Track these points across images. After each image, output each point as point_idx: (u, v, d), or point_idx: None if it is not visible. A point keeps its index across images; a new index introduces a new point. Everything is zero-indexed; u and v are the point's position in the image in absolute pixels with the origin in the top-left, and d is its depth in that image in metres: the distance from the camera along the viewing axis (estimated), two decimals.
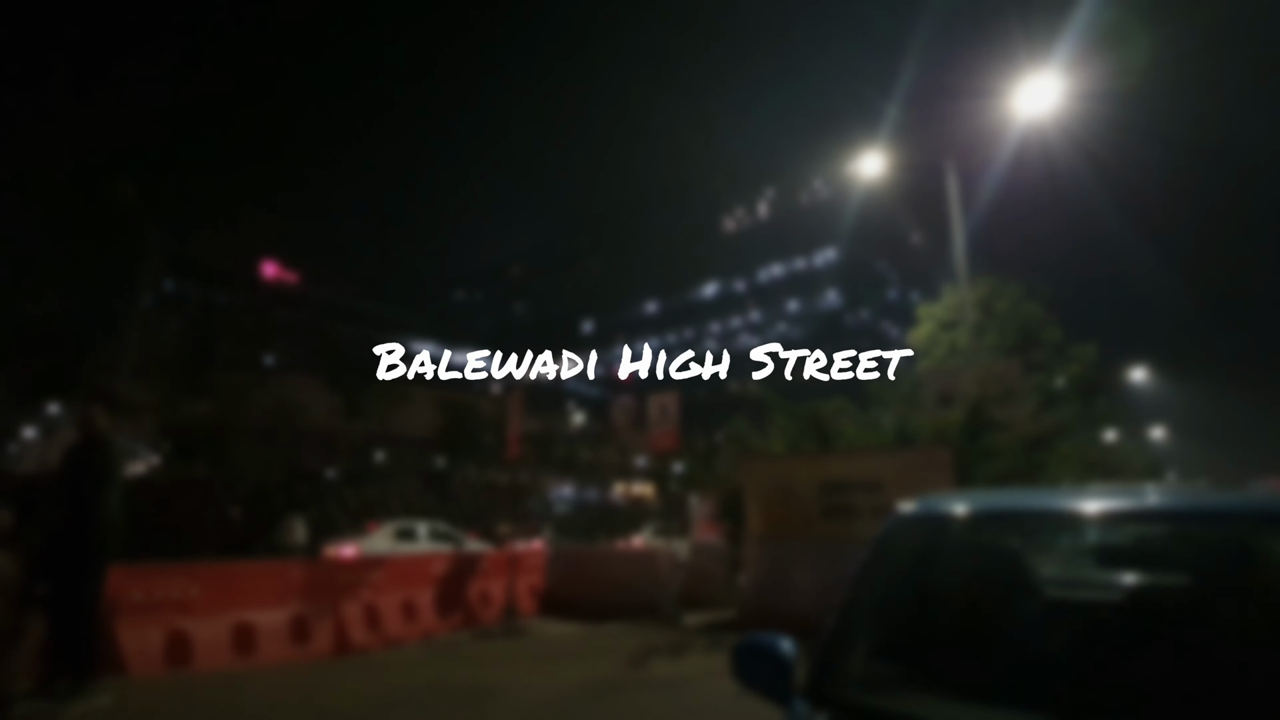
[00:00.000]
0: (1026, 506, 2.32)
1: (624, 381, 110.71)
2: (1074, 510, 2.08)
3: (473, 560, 9.00)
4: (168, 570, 5.28)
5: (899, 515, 2.15)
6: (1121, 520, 2.02)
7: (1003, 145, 16.52)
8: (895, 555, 2.07)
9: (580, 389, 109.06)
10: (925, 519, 2.13)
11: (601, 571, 9.55)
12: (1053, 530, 2.52)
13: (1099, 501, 1.92)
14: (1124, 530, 2.26)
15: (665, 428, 9.70)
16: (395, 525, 14.66)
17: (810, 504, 7.62)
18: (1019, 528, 2.29)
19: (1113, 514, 1.94)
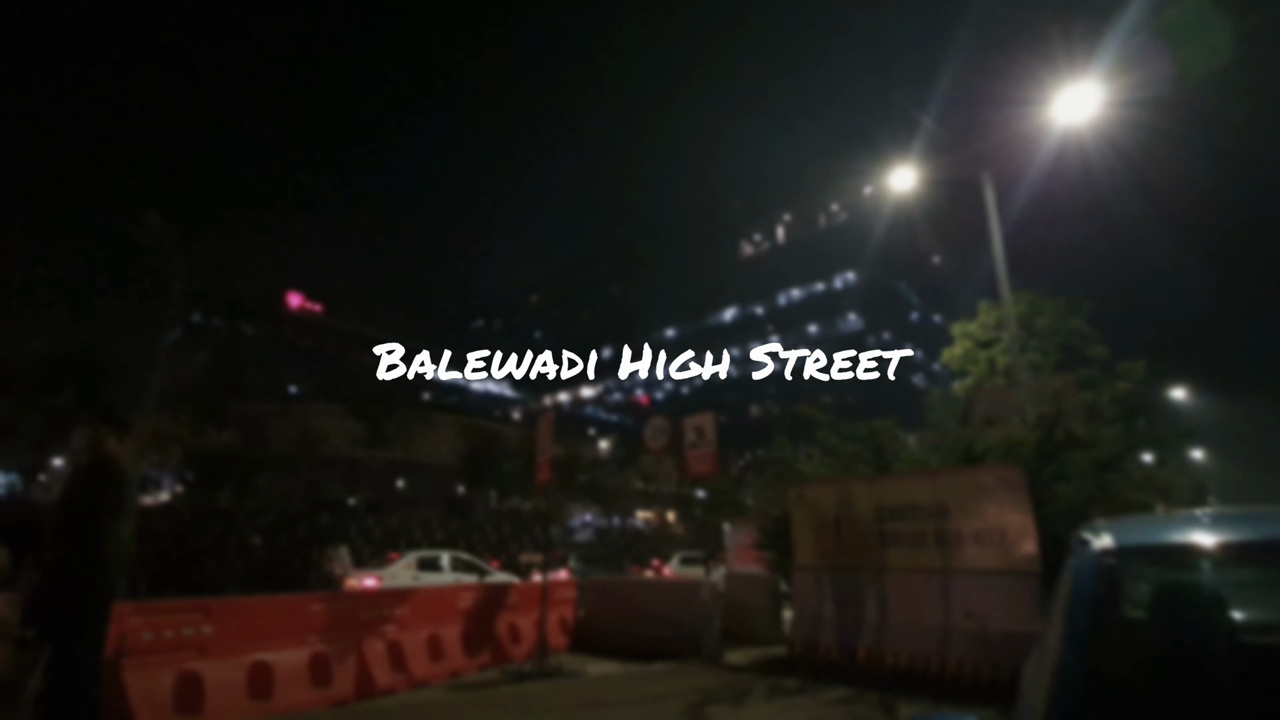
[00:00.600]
0: (1235, 537, 1.84)
1: (644, 406, 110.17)
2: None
3: (501, 592, 8.50)
4: (180, 607, 4.89)
5: (1091, 550, 1.67)
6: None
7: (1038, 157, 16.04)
8: (1097, 600, 1.59)
9: (599, 415, 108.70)
10: (1123, 554, 1.66)
11: (638, 604, 8.97)
12: (1256, 564, 2.04)
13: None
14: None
15: (702, 450, 9.20)
16: (417, 555, 14.22)
17: (866, 531, 7.04)
18: (1216, 560, 1.85)
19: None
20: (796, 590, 7.41)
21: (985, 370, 18.78)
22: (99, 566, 3.59)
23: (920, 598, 6.53)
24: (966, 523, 6.37)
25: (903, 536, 6.77)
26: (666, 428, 9.83)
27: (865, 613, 6.71)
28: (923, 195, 18.37)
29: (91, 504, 3.70)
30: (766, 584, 10.12)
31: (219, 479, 18.89)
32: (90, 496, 3.72)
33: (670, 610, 8.57)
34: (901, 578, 6.70)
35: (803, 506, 7.59)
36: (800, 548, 7.54)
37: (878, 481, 7.09)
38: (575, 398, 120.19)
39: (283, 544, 17.45)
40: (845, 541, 7.20)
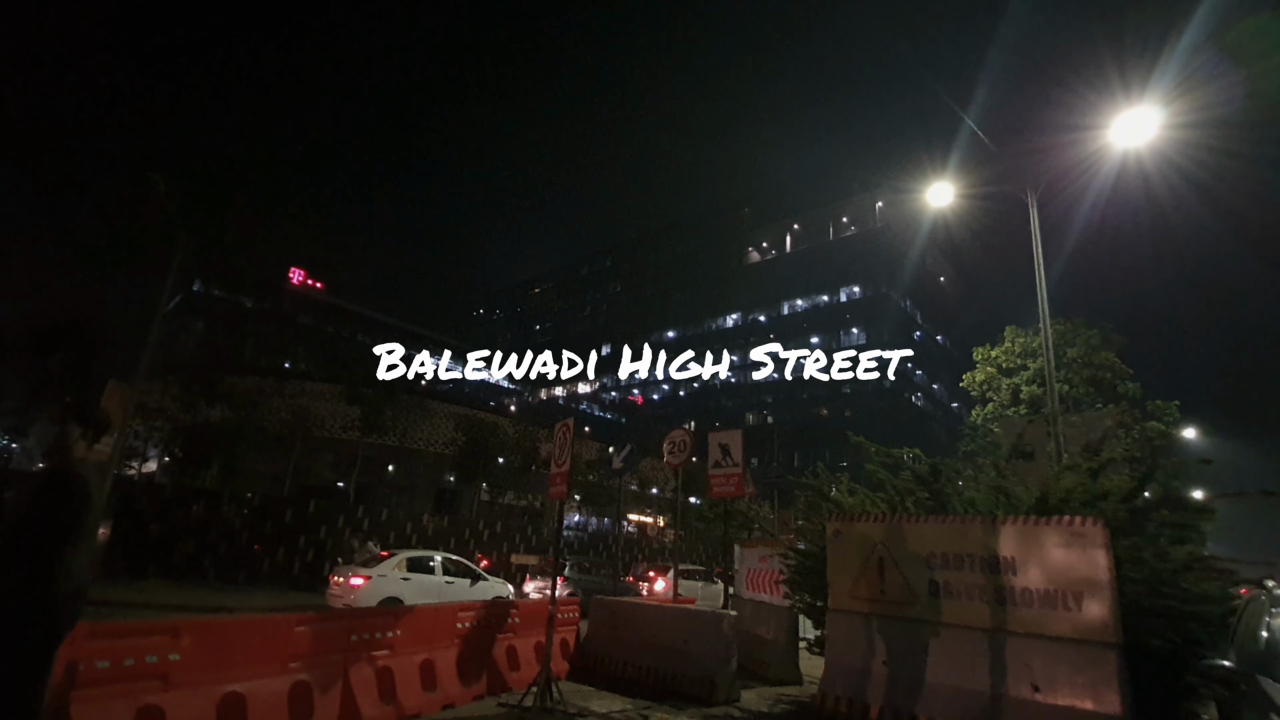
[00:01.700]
0: None
1: (639, 405, 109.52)
2: None
3: (501, 612, 7.82)
4: (144, 628, 4.19)
5: None
6: None
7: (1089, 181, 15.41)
8: None
9: (594, 412, 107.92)
10: None
11: (648, 632, 8.29)
12: None
13: None
14: None
15: (727, 470, 8.53)
16: (407, 555, 13.50)
17: (915, 578, 6.38)
18: None
19: None
20: (831, 636, 6.74)
21: (1008, 398, 18.15)
22: (44, 609, 2.90)
23: (973, 659, 5.86)
24: (1034, 579, 5.71)
25: (958, 588, 6.10)
26: (688, 443, 9.14)
27: (907, 670, 6.05)
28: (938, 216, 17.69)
29: (44, 528, 3.00)
30: (784, 617, 9.45)
31: (205, 456, 18.16)
32: (44, 518, 3.02)
33: (684, 643, 7.89)
34: (953, 634, 6.03)
35: (842, 543, 6.92)
36: (837, 589, 6.87)
37: (931, 523, 6.43)
38: (571, 393, 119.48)
39: (268, 529, 16.73)
40: (889, 587, 6.54)
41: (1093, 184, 15.31)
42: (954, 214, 17.88)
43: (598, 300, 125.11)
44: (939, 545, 6.27)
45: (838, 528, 7.02)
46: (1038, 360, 17.98)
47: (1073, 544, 5.54)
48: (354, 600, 12.28)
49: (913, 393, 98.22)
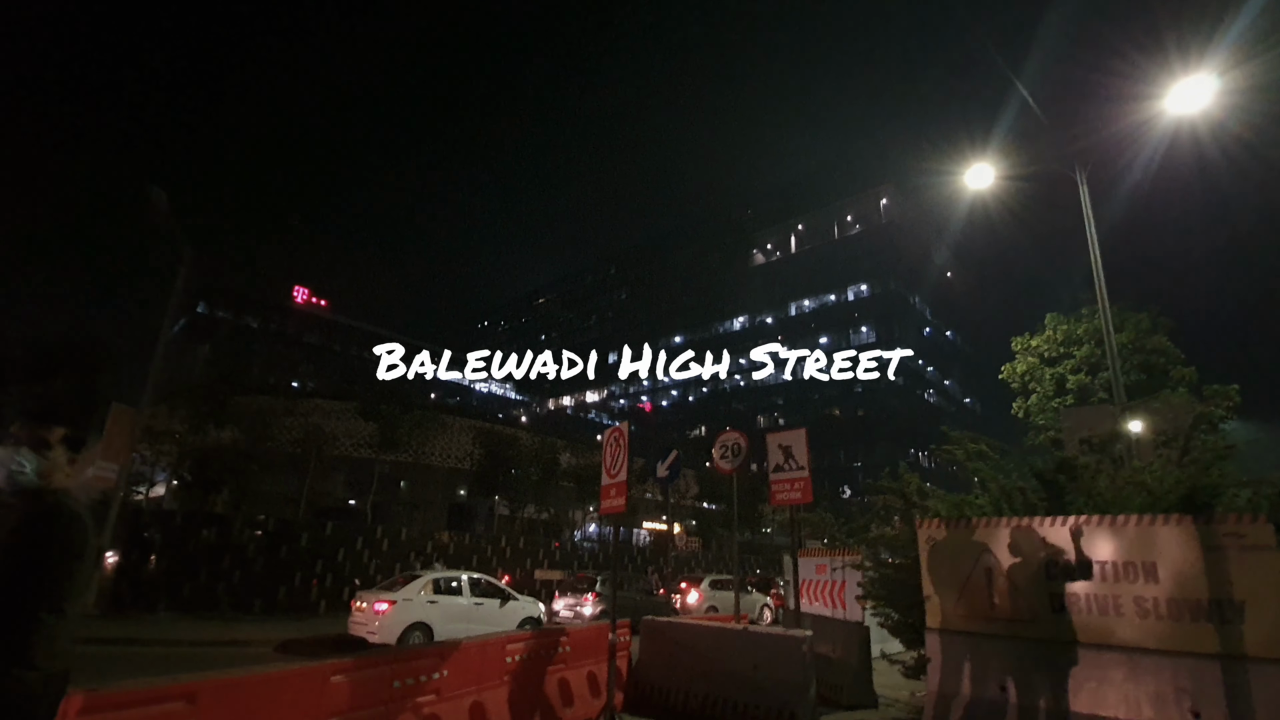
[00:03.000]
0: None
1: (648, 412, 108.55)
2: None
3: (551, 642, 7.02)
4: (152, 695, 3.42)
5: None
6: None
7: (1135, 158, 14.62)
8: None
9: (603, 420, 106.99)
10: None
11: (713, 656, 7.47)
12: None
13: None
14: None
15: (791, 475, 7.71)
16: (433, 576, 12.72)
17: (1031, 590, 5.56)
18: None
19: None
20: (935, 660, 5.91)
21: (1051, 389, 17.28)
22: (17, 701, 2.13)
23: (1112, 684, 5.03)
24: (1185, 589, 4.89)
25: (1088, 601, 5.27)
26: (743, 446, 8.33)
27: (1044, 699, 5.21)
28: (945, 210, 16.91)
29: (20, 585, 2.22)
30: (854, 633, 8.61)
31: (216, 479, 17.42)
32: (21, 572, 2.24)
33: (754, 669, 7.06)
34: (1087, 656, 5.20)
35: (939, 552, 6.11)
36: (937, 605, 6.05)
37: (1048, 527, 5.61)
38: (579, 402, 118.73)
39: (283, 554, 15.96)
40: (1001, 601, 5.71)
41: (1139, 158, 14.53)
42: (965, 206, 17.09)
43: (603, 308, 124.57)
44: (1061, 552, 5.45)
45: (933, 535, 6.21)
46: (1083, 348, 17.16)
47: (1231, 546, 4.73)
48: (379, 627, 11.51)
49: (925, 390, 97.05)
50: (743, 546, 35.66)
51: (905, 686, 9.57)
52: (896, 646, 9.47)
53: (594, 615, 15.17)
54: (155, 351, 15.90)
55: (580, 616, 15.28)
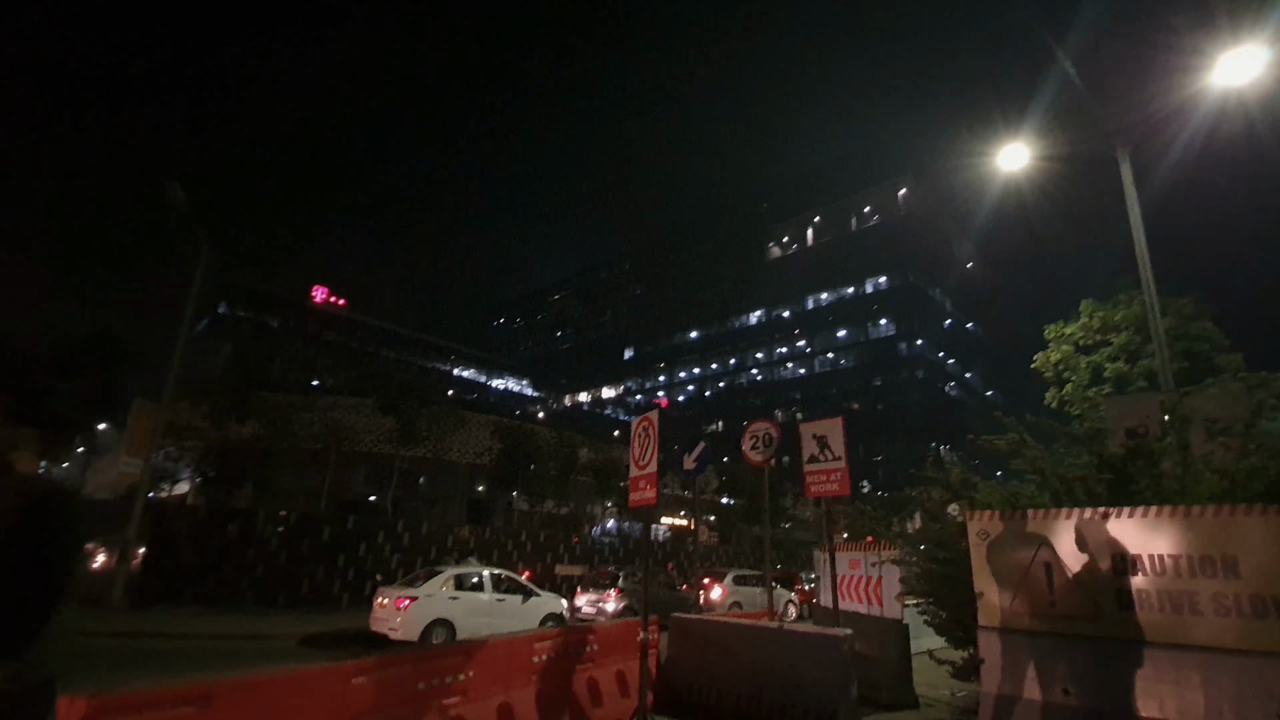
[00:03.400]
0: None
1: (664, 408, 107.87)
2: None
3: (579, 640, 6.76)
4: (166, 697, 3.19)
5: None
6: None
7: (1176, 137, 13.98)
8: None
9: (620, 416, 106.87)
10: None
11: (747, 655, 7.17)
12: None
13: None
14: None
15: (828, 466, 7.36)
16: (454, 572, 12.53)
17: (1094, 586, 5.18)
18: None
19: None
20: (988, 659, 5.55)
21: (1086, 378, 16.69)
22: None
23: (1188, 686, 4.66)
24: (1272, 584, 4.49)
25: (1159, 598, 4.89)
26: (774, 437, 7.99)
27: (1109, 703, 4.84)
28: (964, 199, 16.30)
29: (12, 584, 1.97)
30: (892, 631, 8.27)
31: (238, 475, 17.44)
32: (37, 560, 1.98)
33: (790, 668, 6.75)
34: (1158, 656, 4.82)
35: (992, 546, 5.74)
36: (990, 601, 5.69)
37: (1113, 519, 5.21)
38: (595, 398, 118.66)
39: (305, 548, 15.92)
40: (1062, 598, 5.34)
41: (1183, 135, 13.88)
42: (988, 194, 16.44)
43: (618, 304, 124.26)
44: (1133, 545, 5.06)
45: (985, 528, 5.84)
46: (1121, 335, 16.54)
47: None
48: (400, 623, 11.35)
49: (945, 382, 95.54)
50: (762, 541, 35.30)
51: (944, 685, 9.20)
52: (932, 642, 9.11)
53: (617, 611, 14.94)
54: (176, 347, 15.92)
55: (603, 613, 15.05)
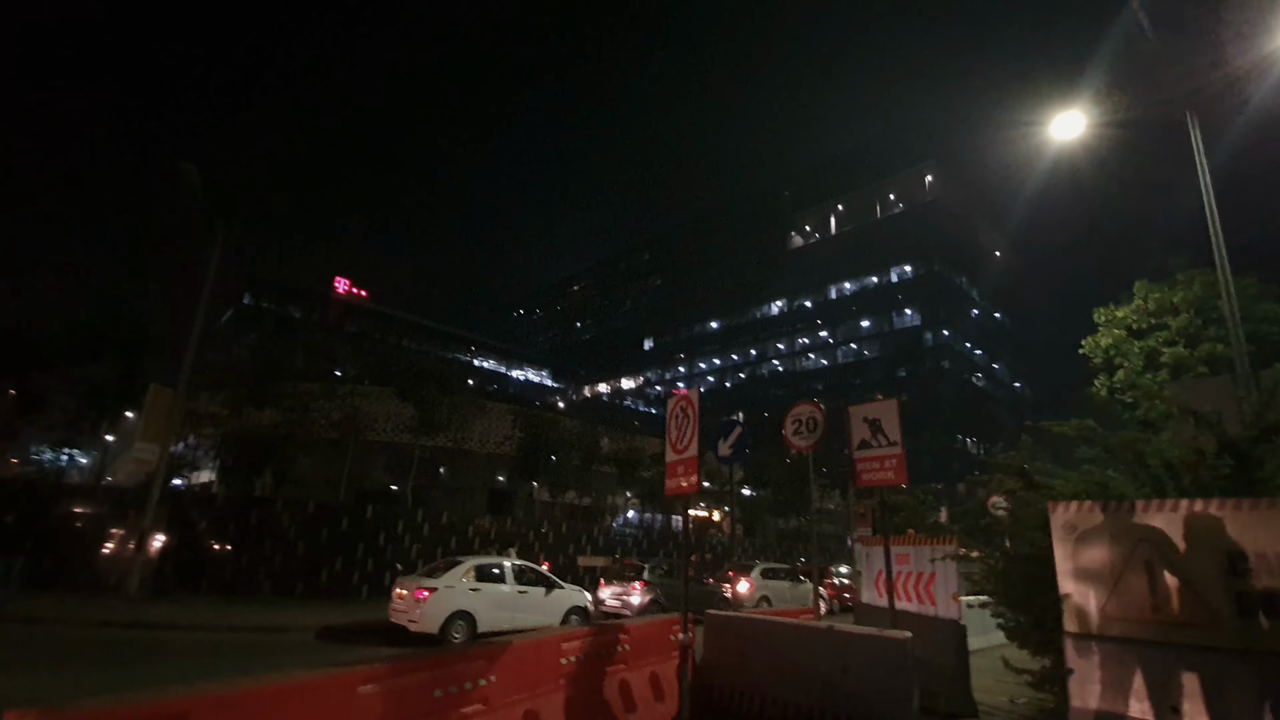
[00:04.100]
0: None
1: None
2: None
3: (610, 640, 6.20)
4: (134, 715, 2.66)
5: None
6: None
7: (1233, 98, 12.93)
8: None
9: (639, 407, 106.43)
10: None
11: (792, 657, 6.55)
12: None
13: None
14: None
15: (881, 451, 6.68)
16: (475, 563, 12.08)
17: (1208, 589, 4.46)
18: None
19: None
20: (1075, 669, 4.87)
21: (1140, 364, 15.70)
22: None
23: None
24: None
25: None
26: (819, 420, 7.32)
27: None
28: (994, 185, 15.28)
29: None
30: (949, 633, 7.60)
31: (257, 463, 17.19)
32: None
33: (843, 673, 6.12)
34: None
35: (1082, 541, 5.04)
36: (1075, 604, 4.99)
37: (1230, 511, 4.49)
38: (615, 388, 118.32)
39: (324, 537, 15.62)
40: (1166, 602, 4.63)
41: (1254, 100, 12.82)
42: (1018, 179, 15.47)
43: (638, 295, 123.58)
44: (1259, 542, 4.33)
45: (1072, 520, 5.13)
46: (1179, 317, 15.52)
47: None
48: (420, 615, 10.93)
49: (972, 374, 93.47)
50: (790, 534, 34.58)
51: (1001, 691, 8.51)
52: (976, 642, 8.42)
53: (643, 605, 14.41)
54: (192, 332, 15.63)
55: (628, 606, 14.54)
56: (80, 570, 14.02)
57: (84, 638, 10.02)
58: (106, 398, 17.53)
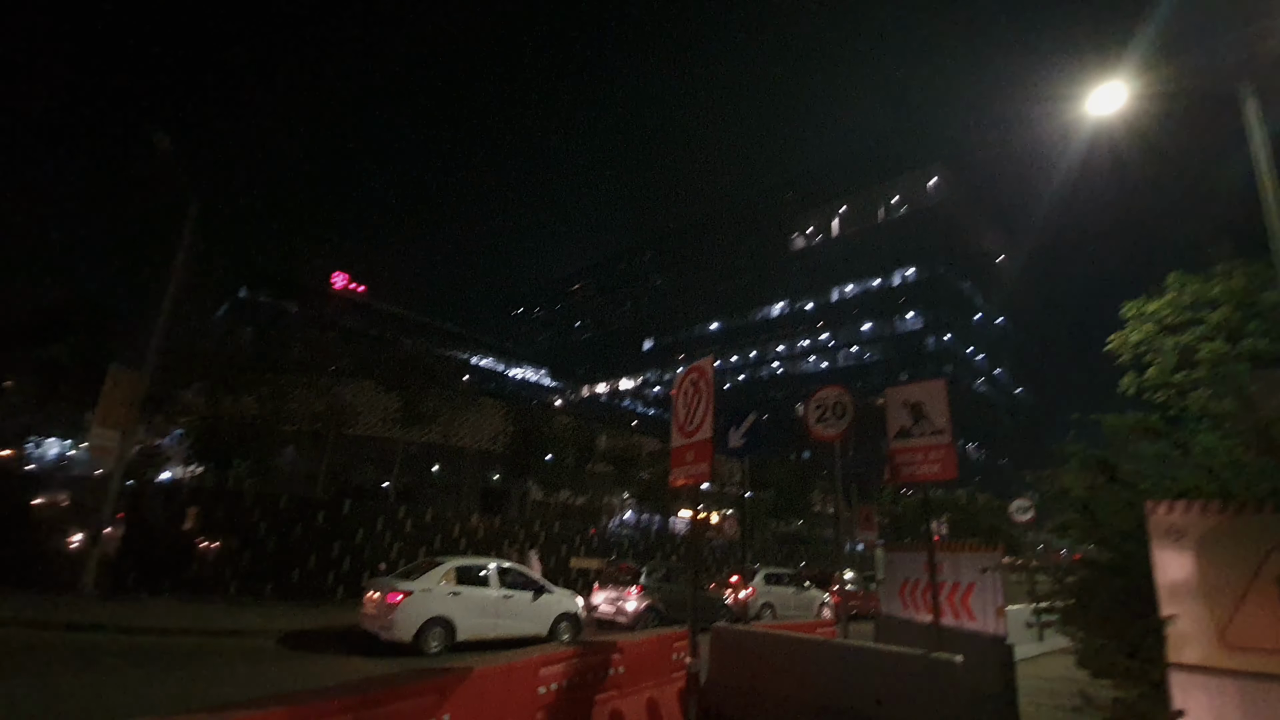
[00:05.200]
0: None
1: None
2: None
3: (597, 660, 5.16)
4: None
5: None
6: None
7: None
8: None
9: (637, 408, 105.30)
10: None
11: (814, 680, 5.51)
12: None
13: None
14: None
15: (924, 441, 5.65)
16: (455, 564, 11.04)
17: None
18: None
19: None
20: (1191, 709, 3.84)
21: (1173, 360, 14.67)
22: None
23: None
24: None
25: None
26: (846, 404, 6.29)
27: None
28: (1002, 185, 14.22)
29: None
30: (995, 653, 6.56)
31: (227, 452, 16.13)
32: None
33: (877, 704, 5.08)
34: None
35: (1193, 549, 4.01)
36: (1186, 628, 3.96)
37: None
38: (613, 388, 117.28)
39: (297, 534, 14.56)
40: None
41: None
42: (1024, 179, 14.55)
43: (638, 295, 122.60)
44: None
45: (1176, 524, 4.11)
46: (1218, 311, 14.51)
47: None
48: (391, 622, 9.88)
49: (974, 379, 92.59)
50: (789, 538, 33.53)
51: (1044, 718, 7.50)
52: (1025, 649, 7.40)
53: (638, 611, 13.37)
54: (164, 304, 14.55)
55: (623, 612, 13.50)
56: (34, 566, 12.97)
57: (14, 639, 8.97)
58: (69, 380, 16.45)
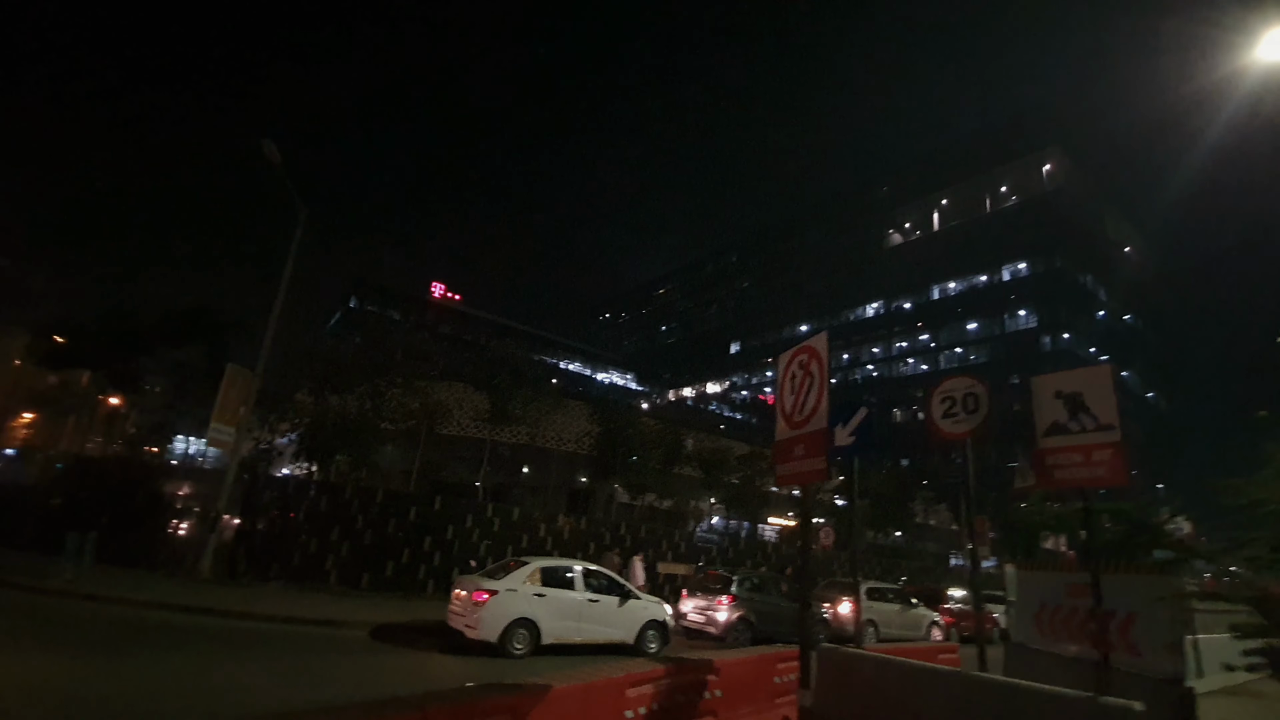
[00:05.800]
0: None
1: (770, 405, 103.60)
2: None
3: (691, 680, 4.55)
4: None
5: None
6: None
7: None
8: None
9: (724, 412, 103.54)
10: None
11: (937, 717, 4.62)
12: None
13: None
14: None
15: (1082, 440, 4.63)
16: (541, 564, 10.76)
17: None
18: None
19: None
20: None
21: None
22: None
23: None
24: None
25: None
26: (981, 398, 5.33)
27: None
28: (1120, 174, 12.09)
29: None
30: (1168, 697, 5.37)
31: (330, 450, 16.85)
32: None
33: None
34: None
35: None
36: None
37: None
38: (700, 392, 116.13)
39: (391, 528, 14.93)
40: None
41: None
42: (1153, 163, 12.38)
43: (724, 298, 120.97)
44: None
45: None
46: None
47: None
48: (477, 620, 9.71)
49: None
50: (890, 551, 31.42)
51: None
52: None
53: (730, 622, 12.62)
54: (276, 306, 15.40)
55: (713, 623, 12.79)
56: (158, 550, 14.00)
57: (133, 618, 9.54)
58: (196, 379, 17.81)
